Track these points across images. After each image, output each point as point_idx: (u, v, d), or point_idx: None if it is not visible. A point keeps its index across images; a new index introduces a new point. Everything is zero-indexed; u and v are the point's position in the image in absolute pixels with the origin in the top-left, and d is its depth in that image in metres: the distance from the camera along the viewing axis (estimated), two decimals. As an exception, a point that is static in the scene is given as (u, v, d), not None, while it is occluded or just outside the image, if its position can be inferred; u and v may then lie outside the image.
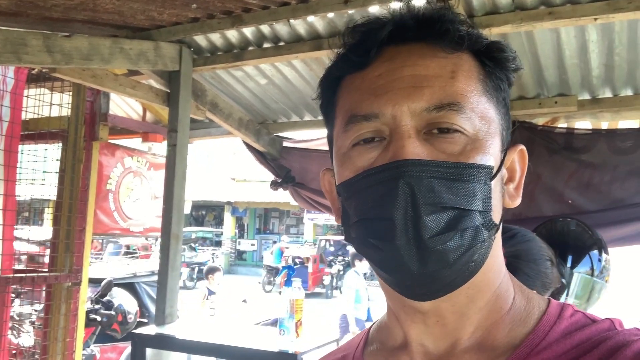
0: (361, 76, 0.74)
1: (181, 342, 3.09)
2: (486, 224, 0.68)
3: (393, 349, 0.80)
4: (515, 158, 0.77)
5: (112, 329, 6.12)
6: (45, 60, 2.78)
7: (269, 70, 3.79)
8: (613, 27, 2.83)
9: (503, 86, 0.75)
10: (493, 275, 0.74)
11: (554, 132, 3.52)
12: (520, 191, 0.77)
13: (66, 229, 4.06)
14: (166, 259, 3.39)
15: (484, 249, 0.69)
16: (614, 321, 0.70)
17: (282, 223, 28.92)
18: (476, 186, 0.67)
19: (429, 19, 0.72)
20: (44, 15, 3.06)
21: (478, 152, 0.68)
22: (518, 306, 0.74)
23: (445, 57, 0.71)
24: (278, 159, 4.49)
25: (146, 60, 3.21)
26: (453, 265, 0.66)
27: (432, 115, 0.68)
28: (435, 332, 0.74)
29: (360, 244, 0.72)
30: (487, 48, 0.74)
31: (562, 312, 0.72)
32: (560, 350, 0.67)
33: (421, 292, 0.69)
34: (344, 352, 0.88)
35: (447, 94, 0.69)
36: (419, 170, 0.65)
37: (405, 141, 0.67)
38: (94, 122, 4.20)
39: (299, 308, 2.95)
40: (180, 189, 3.47)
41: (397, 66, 0.71)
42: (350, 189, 0.72)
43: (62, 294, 4.04)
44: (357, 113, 0.72)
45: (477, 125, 0.69)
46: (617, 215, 3.23)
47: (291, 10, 2.95)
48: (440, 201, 0.65)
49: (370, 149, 0.71)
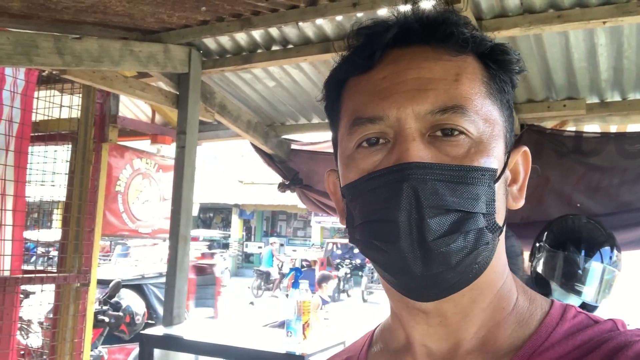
0: (366, 79, 0.74)
1: (189, 343, 3.10)
2: (490, 227, 0.68)
3: (396, 350, 0.80)
4: (519, 160, 0.77)
5: (120, 330, 6.12)
6: (56, 62, 2.80)
7: (278, 72, 3.80)
8: (622, 30, 2.83)
9: (507, 88, 0.76)
10: (496, 276, 0.74)
11: (562, 135, 3.52)
12: (523, 193, 0.77)
13: (75, 229, 4.07)
14: (174, 260, 3.40)
15: (487, 251, 0.69)
16: (616, 322, 0.70)
17: (289, 226, 28.91)
18: (480, 189, 0.67)
19: (434, 22, 0.72)
20: (55, 17, 3.09)
21: (482, 154, 0.69)
22: (521, 307, 0.75)
23: (449, 60, 0.72)
24: (286, 161, 4.50)
25: (156, 63, 3.23)
26: (457, 267, 0.66)
27: (436, 118, 0.69)
28: (438, 333, 0.74)
29: (364, 245, 0.72)
30: (490, 50, 0.74)
31: (565, 314, 0.72)
32: (562, 351, 0.67)
33: (424, 293, 0.69)
34: (349, 354, 0.88)
35: (451, 97, 0.69)
36: (423, 173, 0.65)
37: (409, 144, 0.67)
38: (104, 124, 4.22)
39: (306, 310, 2.95)
40: (188, 191, 3.48)
41: (402, 69, 0.71)
42: (354, 191, 0.73)
43: (70, 295, 4.06)
44: (361, 115, 0.72)
45: (481, 128, 0.69)
46: (626, 218, 3.22)
47: (300, 13, 2.96)
48: (444, 204, 0.65)
49: (374, 152, 0.71)
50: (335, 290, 18.66)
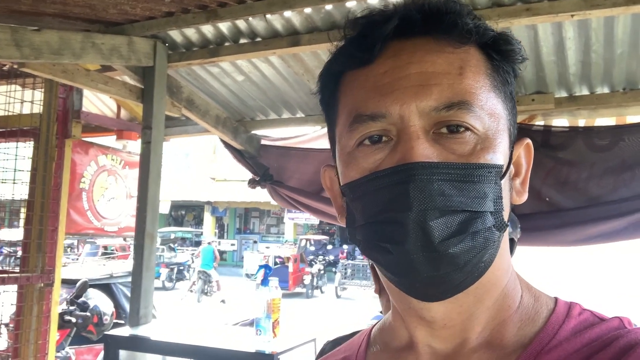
0: (365, 73, 0.71)
1: (156, 344, 3.04)
2: (497, 225, 0.67)
3: (398, 349, 0.79)
4: (521, 152, 0.76)
5: (88, 331, 6.02)
6: (14, 55, 2.70)
7: (246, 66, 3.73)
8: (590, 23, 2.84)
9: (510, 79, 0.73)
10: (501, 274, 0.72)
11: (531, 129, 3.52)
12: (526, 186, 0.76)
13: (38, 228, 3.97)
14: (140, 258, 3.33)
15: (493, 249, 0.67)
16: (622, 319, 0.70)
17: (262, 223, 28.85)
18: (487, 187, 0.66)
19: (436, 11, 0.69)
20: (12, 8, 2.98)
21: (488, 151, 0.67)
22: (526, 304, 0.74)
23: (452, 52, 0.69)
24: (256, 157, 4.44)
25: (119, 56, 3.14)
26: (464, 267, 0.65)
27: (441, 115, 0.66)
28: (443, 332, 0.73)
29: (368, 246, 0.70)
30: (493, 41, 0.71)
31: (571, 311, 0.72)
32: (571, 348, 0.66)
33: (430, 293, 0.68)
34: (345, 354, 0.87)
35: (456, 92, 0.67)
36: (429, 173, 0.63)
37: (414, 142, 0.65)
38: (67, 120, 4.11)
39: (276, 308, 2.90)
40: (155, 187, 3.40)
41: (403, 63, 0.68)
42: (356, 190, 0.70)
43: (34, 295, 3.95)
44: (362, 112, 0.69)
45: (486, 123, 0.67)
46: (595, 212, 3.23)
47: (268, 5, 2.91)
48: (452, 204, 0.63)
49: (376, 150, 0.69)
50: (309, 287, 18.70)
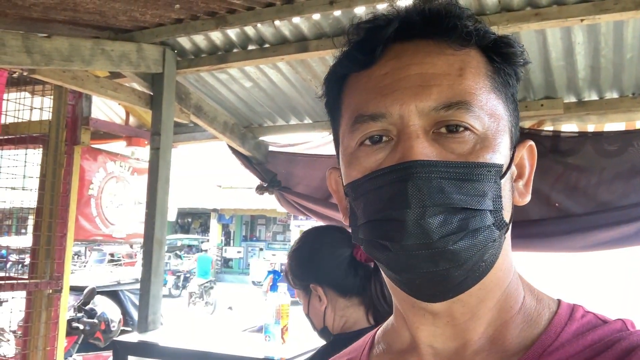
0: (367, 75, 0.73)
1: (164, 350, 3.03)
2: (497, 223, 0.67)
3: (400, 351, 0.79)
4: (524, 154, 0.76)
5: (95, 338, 6.03)
6: (24, 61, 2.72)
7: (254, 73, 3.74)
8: (599, 28, 2.83)
9: (511, 82, 0.74)
10: (503, 275, 0.73)
11: (540, 135, 3.51)
12: (529, 188, 0.76)
13: (47, 235, 3.98)
14: (149, 265, 3.33)
15: (494, 249, 0.68)
16: (625, 322, 0.70)
17: (268, 230, 28.79)
18: (486, 185, 0.66)
19: (436, 15, 0.71)
20: (23, 15, 3.00)
21: (488, 150, 0.67)
22: (528, 306, 0.74)
23: (452, 54, 0.70)
24: (264, 163, 4.44)
25: (128, 62, 3.16)
26: (463, 265, 0.65)
27: (440, 115, 0.67)
28: (446, 334, 0.73)
29: (369, 245, 0.70)
30: (494, 43, 0.73)
31: (573, 313, 0.72)
32: (573, 350, 0.67)
33: (431, 293, 0.68)
34: (349, 356, 0.87)
35: (456, 93, 0.68)
36: (428, 171, 0.64)
37: (413, 141, 0.66)
38: (76, 126, 4.13)
39: (284, 313, 2.89)
40: (163, 193, 3.41)
41: (404, 64, 0.70)
42: (358, 189, 0.71)
43: (42, 302, 3.96)
44: (363, 113, 0.71)
45: (486, 124, 0.68)
46: (604, 218, 3.21)
47: (276, 11, 2.92)
48: (451, 202, 0.64)
49: (377, 150, 0.70)
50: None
